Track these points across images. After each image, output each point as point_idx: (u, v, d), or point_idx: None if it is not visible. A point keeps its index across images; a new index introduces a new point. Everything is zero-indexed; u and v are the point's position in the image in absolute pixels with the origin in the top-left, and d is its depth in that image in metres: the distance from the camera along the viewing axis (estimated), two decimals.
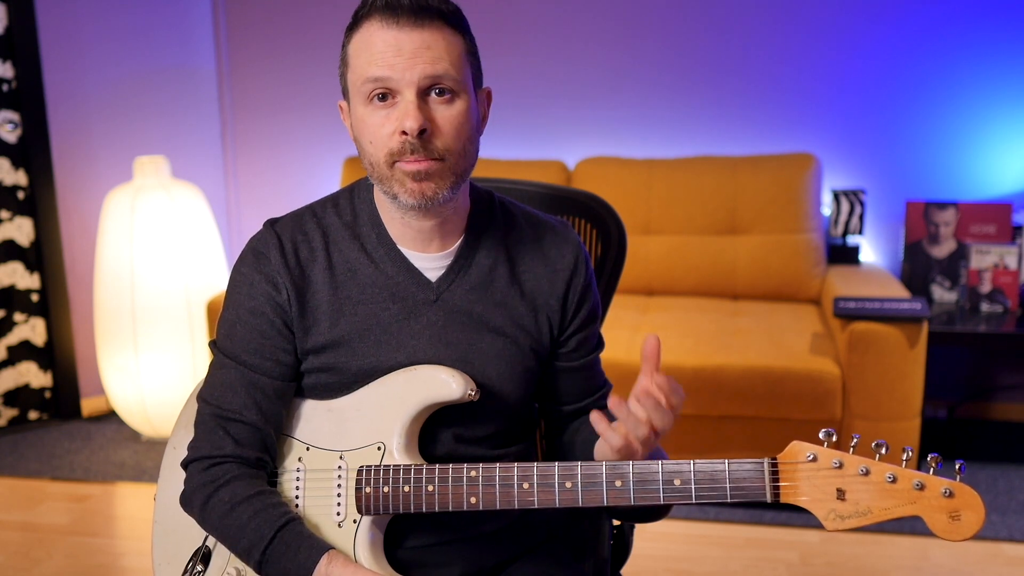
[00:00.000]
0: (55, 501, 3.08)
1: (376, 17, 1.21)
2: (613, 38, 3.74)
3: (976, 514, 1.08)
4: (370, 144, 1.24)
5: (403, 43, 1.19)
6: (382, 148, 1.22)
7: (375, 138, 1.23)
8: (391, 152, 1.22)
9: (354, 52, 1.23)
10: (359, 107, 1.24)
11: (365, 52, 1.21)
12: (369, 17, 1.22)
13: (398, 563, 1.32)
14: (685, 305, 3.39)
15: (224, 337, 1.33)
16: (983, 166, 3.53)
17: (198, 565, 1.34)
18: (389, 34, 1.20)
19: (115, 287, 3.39)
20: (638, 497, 1.18)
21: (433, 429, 1.32)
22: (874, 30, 3.54)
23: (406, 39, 1.19)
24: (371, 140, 1.23)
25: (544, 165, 3.64)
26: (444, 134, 1.22)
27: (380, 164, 1.23)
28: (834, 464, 1.12)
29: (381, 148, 1.22)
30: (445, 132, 1.22)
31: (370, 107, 1.23)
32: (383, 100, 1.22)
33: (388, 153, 1.22)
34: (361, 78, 1.22)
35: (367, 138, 1.24)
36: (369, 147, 1.24)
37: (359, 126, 1.25)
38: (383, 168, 1.23)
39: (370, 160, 1.25)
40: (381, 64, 1.20)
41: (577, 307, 1.38)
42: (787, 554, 2.66)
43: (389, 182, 1.24)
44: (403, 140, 1.20)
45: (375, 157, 1.24)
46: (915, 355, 2.77)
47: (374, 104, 1.22)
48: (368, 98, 1.22)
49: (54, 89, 3.61)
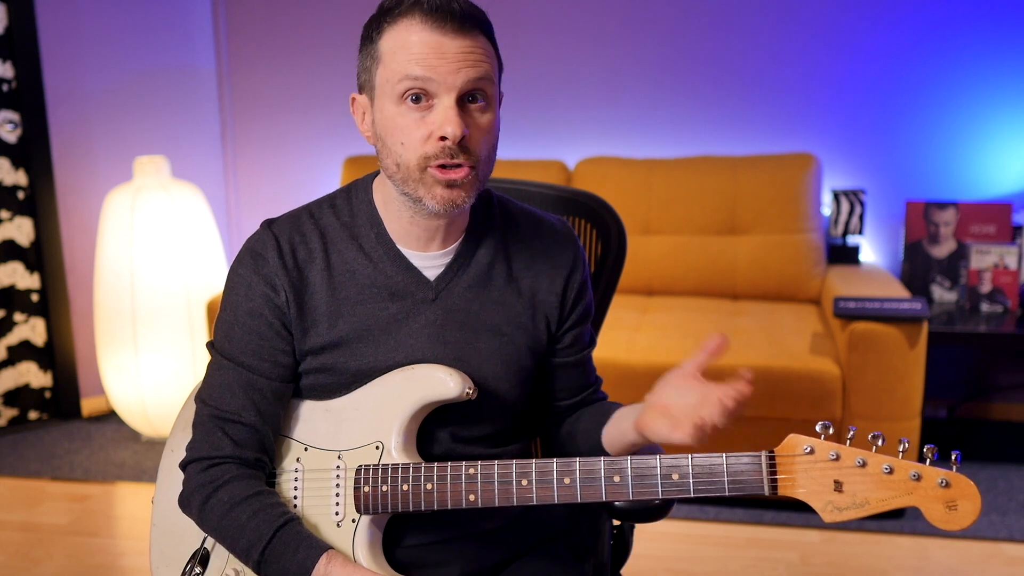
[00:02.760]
0: (55, 501, 3.08)
1: (419, 17, 1.19)
2: (613, 38, 3.74)
3: (973, 503, 1.09)
4: (401, 145, 1.22)
5: (447, 47, 1.18)
6: (415, 151, 1.21)
7: (408, 140, 1.21)
8: (425, 156, 1.20)
9: (389, 48, 1.21)
10: (388, 105, 1.22)
11: (404, 50, 1.19)
12: (409, 16, 1.20)
13: (397, 562, 1.32)
14: (685, 305, 3.39)
15: (222, 338, 1.33)
16: (983, 166, 3.53)
17: (196, 567, 1.34)
18: (432, 37, 1.18)
19: (115, 287, 3.39)
20: (636, 492, 1.19)
21: (430, 428, 1.32)
22: (874, 30, 3.54)
23: (450, 44, 1.18)
24: (403, 141, 1.21)
25: (544, 165, 3.64)
26: (479, 141, 1.22)
27: (410, 167, 1.22)
28: (831, 456, 1.13)
29: (414, 151, 1.21)
30: (480, 140, 1.22)
31: (403, 107, 1.21)
32: (416, 102, 1.20)
33: (422, 157, 1.20)
34: (398, 75, 1.20)
35: (397, 139, 1.22)
36: (399, 148, 1.22)
37: (386, 124, 1.23)
38: (413, 171, 1.22)
39: (397, 161, 1.23)
40: (423, 64, 1.18)
41: (574, 304, 1.39)
42: (787, 554, 2.66)
43: (415, 185, 1.23)
44: (442, 145, 1.19)
45: (405, 159, 1.22)
46: (915, 355, 2.77)
47: (407, 105, 1.20)
48: (401, 97, 1.20)
49: (54, 89, 3.61)
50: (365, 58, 1.25)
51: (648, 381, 3.35)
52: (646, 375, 2.88)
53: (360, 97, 1.28)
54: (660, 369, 1.20)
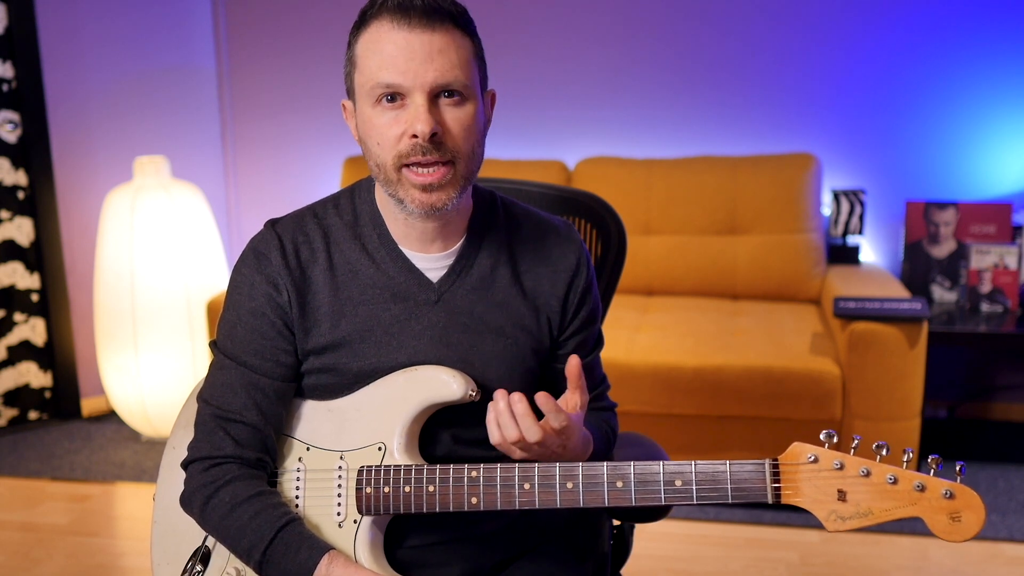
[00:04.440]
0: (55, 501, 3.08)
1: (386, 17, 1.19)
2: (613, 38, 3.74)
3: (976, 515, 1.09)
4: (377, 146, 1.23)
5: (414, 46, 1.18)
6: (390, 151, 1.21)
7: (383, 140, 1.22)
8: (399, 155, 1.21)
9: (363, 53, 1.22)
10: (366, 108, 1.23)
11: (375, 55, 1.20)
12: (378, 17, 1.20)
13: (398, 563, 1.32)
14: (685, 305, 3.39)
15: (225, 338, 1.33)
16: (983, 166, 3.53)
17: (197, 565, 1.34)
18: (399, 36, 1.18)
19: (115, 287, 3.39)
20: (639, 498, 1.18)
21: (432, 430, 1.32)
22: (874, 30, 3.54)
23: (417, 42, 1.18)
24: (379, 142, 1.22)
25: (544, 165, 3.64)
26: (454, 136, 1.22)
27: (387, 167, 1.23)
28: (835, 465, 1.13)
29: (389, 151, 1.22)
30: (455, 134, 1.22)
31: (378, 108, 1.21)
32: (391, 101, 1.21)
33: (396, 156, 1.21)
34: (371, 81, 1.21)
35: (374, 139, 1.23)
36: (376, 149, 1.23)
37: (366, 127, 1.24)
38: (390, 172, 1.23)
39: (376, 162, 1.24)
40: (391, 69, 1.19)
41: (577, 309, 1.38)
42: (787, 554, 2.66)
43: (395, 186, 1.24)
44: (413, 143, 1.20)
45: (382, 159, 1.23)
46: (915, 355, 2.77)
47: (382, 105, 1.21)
48: (376, 100, 1.21)
49: (54, 89, 3.61)
50: (346, 63, 1.27)
51: (648, 381, 3.34)
52: (646, 375, 2.90)
53: (348, 102, 1.30)
54: (660, 369, 1.20)
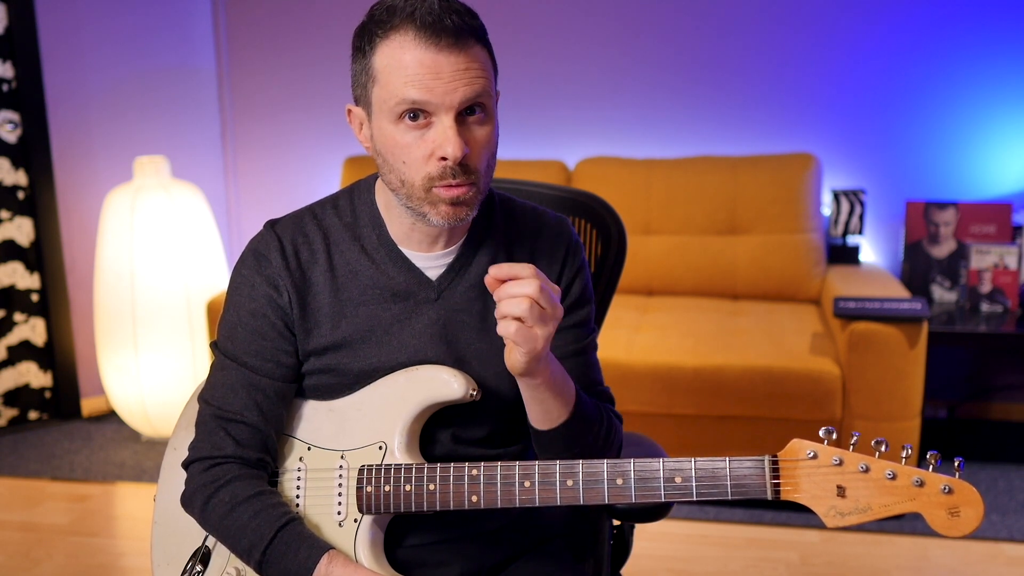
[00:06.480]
0: (55, 501, 3.08)
1: (412, 33, 1.16)
2: (613, 38, 3.74)
3: (975, 510, 1.09)
4: (403, 164, 1.20)
5: (442, 66, 1.15)
6: (418, 171, 1.20)
7: (410, 159, 1.20)
8: (429, 176, 1.19)
9: (384, 67, 1.18)
10: (386, 124, 1.20)
11: (399, 70, 1.16)
12: (401, 30, 1.16)
13: (398, 562, 1.32)
14: (685, 305, 3.39)
15: (225, 338, 1.33)
16: (983, 166, 3.54)
17: (197, 565, 1.34)
18: (427, 55, 1.15)
19: (115, 287, 3.39)
20: (639, 495, 1.19)
21: (431, 429, 1.33)
22: (874, 30, 3.55)
23: (445, 62, 1.15)
24: (404, 160, 1.20)
25: (544, 165, 3.64)
26: (479, 155, 1.21)
27: (415, 186, 1.21)
28: (834, 461, 1.13)
29: (417, 171, 1.20)
30: (480, 153, 1.21)
31: (401, 126, 1.19)
32: (414, 119, 1.18)
33: (426, 177, 1.19)
34: (395, 97, 1.17)
35: (399, 157, 1.20)
36: (402, 167, 1.21)
37: (386, 142, 1.21)
38: (418, 190, 1.21)
39: (402, 179, 1.22)
40: (419, 87, 1.16)
41: (565, 292, 1.37)
42: (787, 554, 2.66)
43: (420, 203, 1.22)
44: (443, 166, 1.18)
45: (409, 178, 1.21)
46: (915, 355, 2.77)
47: (405, 123, 1.19)
48: (399, 116, 1.19)
49: (54, 89, 3.61)
50: (359, 72, 1.23)
51: (648, 381, 3.34)
52: (646, 375, 2.90)
53: (356, 109, 1.27)
54: (660, 369, 1.20)
